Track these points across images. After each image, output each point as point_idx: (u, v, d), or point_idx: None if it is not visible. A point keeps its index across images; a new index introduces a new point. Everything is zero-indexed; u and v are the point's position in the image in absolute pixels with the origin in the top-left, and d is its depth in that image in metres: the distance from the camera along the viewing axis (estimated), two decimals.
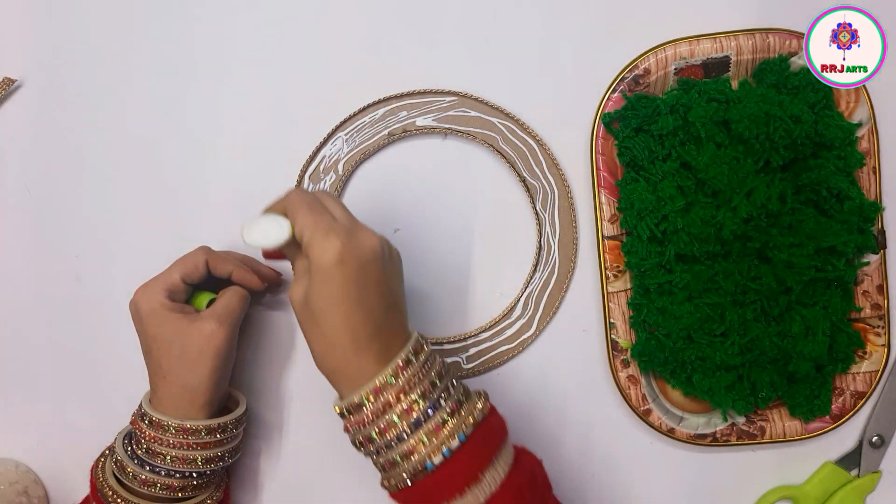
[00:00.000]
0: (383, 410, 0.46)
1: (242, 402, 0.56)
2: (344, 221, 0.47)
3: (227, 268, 0.55)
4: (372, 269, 0.46)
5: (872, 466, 0.58)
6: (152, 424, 0.51)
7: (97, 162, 0.61)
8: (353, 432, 0.47)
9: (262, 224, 0.48)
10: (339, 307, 0.46)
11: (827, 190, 0.54)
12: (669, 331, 0.55)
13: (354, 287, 0.46)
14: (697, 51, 0.56)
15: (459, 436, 0.45)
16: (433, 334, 0.59)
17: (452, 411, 0.46)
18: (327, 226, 0.46)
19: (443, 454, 0.45)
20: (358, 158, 0.59)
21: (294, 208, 0.48)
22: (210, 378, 0.52)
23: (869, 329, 0.57)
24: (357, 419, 0.46)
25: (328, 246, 0.45)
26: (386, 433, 0.46)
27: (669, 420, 0.57)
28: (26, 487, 0.60)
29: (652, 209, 0.55)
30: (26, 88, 0.61)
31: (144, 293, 0.52)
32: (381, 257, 0.47)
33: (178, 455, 0.51)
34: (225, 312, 0.53)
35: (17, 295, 0.61)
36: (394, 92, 0.59)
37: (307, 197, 0.49)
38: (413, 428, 0.45)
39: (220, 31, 0.60)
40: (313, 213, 0.47)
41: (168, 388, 0.52)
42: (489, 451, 0.46)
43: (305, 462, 0.60)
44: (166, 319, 0.51)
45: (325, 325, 0.46)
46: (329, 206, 0.49)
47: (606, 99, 0.57)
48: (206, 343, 0.51)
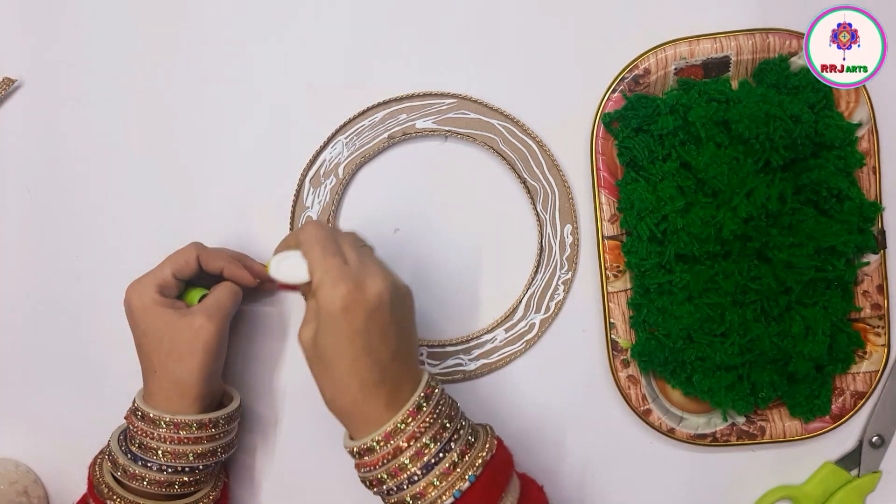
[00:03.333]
0: (394, 454, 0.46)
1: (236, 397, 0.56)
2: (354, 266, 0.47)
3: (218, 264, 0.55)
4: (378, 317, 0.47)
5: (872, 466, 0.59)
6: (144, 419, 0.51)
7: (97, 162, 0.61)
8: (363, 472, 0.48)
9: (290, 260, 0.50)
10: (346, 354, 0.46)
11: (827, 190, 0.54)
12: (669, 331, 0.55)
13: (360, 336, 0.46)
14: (697, 51, 0.56)
15: (469, 477, 0.46)
16: (435, 336, 0.59)
17: (462, 453, 0.47)
18: (337, 271, 0.46)
19: (454, 496, 0.46)
20: (358, 162, 0.59)
21: (308, 246, 0.48)
22: (200, 373, 0.52)
23: (869, 329, 0.57)
24: (369, 461, 0.47)
25: (335, 293, 0.46)
26: (397, 475, 0.46)
27: (669, 420, 0.57)
28: (26, 487, 0.60)
29: (652, 209, 0.55)
30: (26, 88, 0.61)
31: (136, 289, 0.53)
32: (387, 305, 0.47)
33: (171, 450, 0.51)
34: (215, 307, 0.53)
35: (17, 295, 0.61)
36: (393, 95, 0.59)
37: (322, 234, 0.49)
38: (424, 471, 0.46)
39: (220, 33, 0.60)
40: (325, 255, 0.47)
41: (159, 382, 0.52)
42: (498, 489, 0.47)
43: (302, 458, 0.60)
44: (157, 314, 0.52)
45: (334, 370, 0.47)
46: (343, 246, 0.49)
47: (606, 99, 0.57)
48: (195, 338, 0.51)
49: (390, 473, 0.46)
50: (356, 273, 0.47)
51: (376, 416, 0.47)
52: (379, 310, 0.47)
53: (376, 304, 0.47)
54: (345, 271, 0.47)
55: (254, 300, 0.60)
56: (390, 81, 0.59)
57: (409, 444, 0.46)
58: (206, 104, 0.60)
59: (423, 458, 0.46)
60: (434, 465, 0.46)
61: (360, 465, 0.48)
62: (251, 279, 0.55)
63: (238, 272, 0.55)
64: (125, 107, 0.61)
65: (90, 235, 0.61)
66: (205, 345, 0.52)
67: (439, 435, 0.47)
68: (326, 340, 0.47)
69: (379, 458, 0.46)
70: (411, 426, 0.46)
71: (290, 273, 0.49)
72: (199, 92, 0.60)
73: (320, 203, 0.59)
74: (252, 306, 0.60)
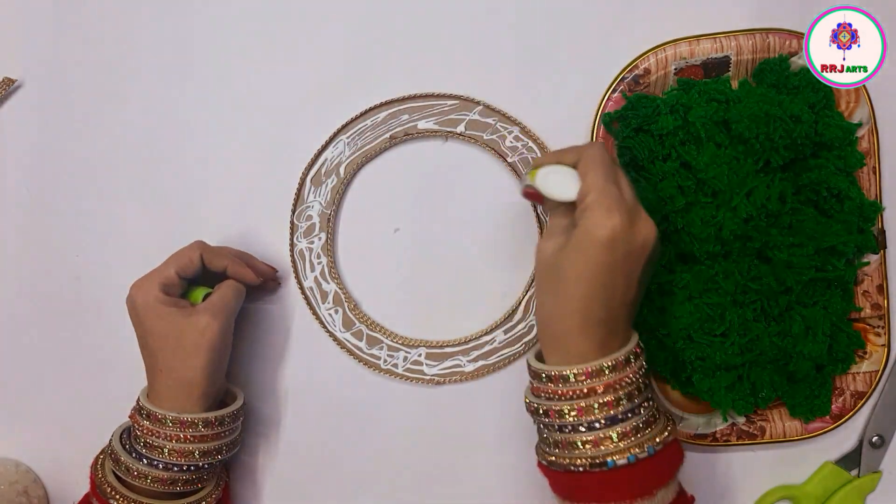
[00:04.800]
0: (587, 394, 0.45)
1: (240, 396, 0.56)
2: (630, 202, 0.46)
3: (221, 262, 0.55)
4: (635, 260, 0.46)
5: (872, 466, 0.59)
6: (150, 418, 0.51)
7: (97, 162, 0.61)
8: (543, 398, 0.47)
9: (559, 174, 0.48)
10: (587, 283, 0.45)
11: (827, 190, 0.54)
12: (669, 331, 0.55)
13: (609, 271, 0.45)
14: (697, 51, 0.56)
15: (649, 448, 0.45)
16: (436, 337, 0.59)
17: (647, 422, 0.46)
18: (614, 199, 0.45)
19: (628, 459, 0.45)
20: (360, 161, 0.59)
21: (589, 166, 0.47)
22: (205, 371, 0.52)
23: (869, 329, 0.57)
24: (557, 390, 0.46)
25: (607, 222, 0.44)
26: (580, 415, 0.45)
27: None
28: (26, 487, 0.60)
29: (652, 209, 0.55)
30: (26, 88, 0.61)
31: (140, 288, 0.53)
32: (649, 252, 0.46)
33: (176, 448, 0.51)
34: (220, 305, 0.53)
35: (17, 295, 0.61)
36: (395, 95, 0.59)
37: (606, 158, 0.47)
38: (608, 422, 0.45)
39: (221, 33, 0.60)
40: (605, 180, 0.46)
41: (164, 381, 0.52)
42: (668, 473, 0.46)
43: (304, 458, 0.60)
44: (161, 313, 0.52)
45: (564, 292, 0.46)
46: (620, 179, 0.47)
47: (606, 99, 0.57)
48: (200, 336, 0.52)
49: (573, 410, 0.45)
50: (631, 209, 0.46)
51: (583, 352, 0.46)
52: (640, 254, 0.46)
53: (640, 248, 0.46)
54: (621, 203, 0.45)
55: (256, 298, 0.60)
56: (392, 82, 0.59)
57: (605, 390, 0.45)
58: (208, 103, 0.60)
59: (611, 411, 0.45)
60: (619, 421, 0.45)
61: (543, 391, 0.47)
62: (254, 277, 0.56)
63: (241, 271, 0.55)
64: (125, 107, 0.61)
65: (90, 235, 0.61)
66: (210, 343, 0.52)
67: (634, 395, 0.46)
68: (571, 262, 0.45)
69: (569, 391, 0.45)
70: (613, 375, 0.45)
71: (557, 188, 0.48)
72: (200, 91, 0.60)
73: (321, 202, 0.59)
74: (254, 304, 0.60)
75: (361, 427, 0.60)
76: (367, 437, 0.59)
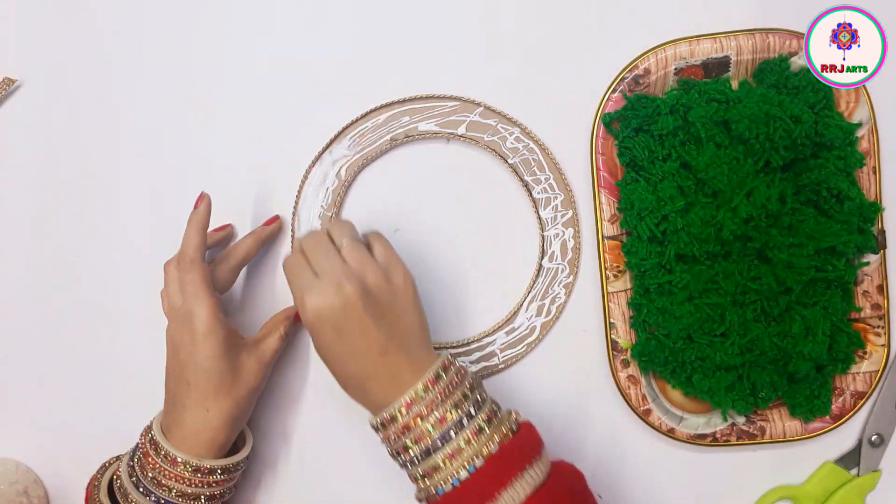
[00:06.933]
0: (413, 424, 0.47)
1: (249, 439, 0.56)
2: (326, 272, 0.48)
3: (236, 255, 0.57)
4: (349, 322, 0.47)
5: (872, 465, 0.59)
6: (167, 458, 0.51)
7: (97, 162, 0.61)
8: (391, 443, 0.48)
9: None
10: (333, 359, 0.49)
11: (827, 190, 0.54)
12: (669, 331, 0.55)
13: (335, 344, 0.48)
14: (697, 51, 0.56)
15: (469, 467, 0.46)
16: (437, 338, 0.59)
17: (489, 419, 0.47)
18: (304, 287, 0.48)
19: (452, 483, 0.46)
20: (360, 163, 0.59)
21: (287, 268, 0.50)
22: (231, 416, 0.52)
23: (869, 329, 0.57)
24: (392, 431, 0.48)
25: (303, 310, 0.48)
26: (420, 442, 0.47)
27: (669, 420, 0.57)
28: (26, 487, 0.60)
29: (652, 209, 0.55)
30: (26, 88, 0.61)
31: (198, 301, 0.51)
32: (357, 308, 0.47)
33: (185, 491, 0.51)
34: (270, 354, 0.55)
35: (17, 295, 0.61)
36: (396, 97, 0.59)
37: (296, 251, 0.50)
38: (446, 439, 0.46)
39: (222, 35, 0.60)
40: (295, 274, 0.49)
41: (187, 421, 0.51)
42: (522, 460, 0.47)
43: (306, 458, 0.60)
44: (220, 346, 0.51)
45: (333, 371, 0.49)
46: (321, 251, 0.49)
47: (606, 99, 0.57)
48: (243, 381, 0.53)
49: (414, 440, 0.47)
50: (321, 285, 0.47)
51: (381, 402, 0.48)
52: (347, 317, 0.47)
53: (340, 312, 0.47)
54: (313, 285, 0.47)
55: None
56: (393, 84, 0.59)
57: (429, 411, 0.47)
58: (208, 104, 0.60)
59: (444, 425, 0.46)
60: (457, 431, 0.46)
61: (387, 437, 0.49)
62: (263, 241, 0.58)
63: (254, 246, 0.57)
64: (125, 107, 0.61)
65: (90, 235, 0.61)
66: (249, 390, 0.53)
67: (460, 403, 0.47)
68: (315, 345, 0.49)
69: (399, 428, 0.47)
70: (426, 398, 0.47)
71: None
72: (200, 92, 0.60)
73: (322, 204, 0.59)
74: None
75: (362, 428, 0.59)
76: (367, 437, 0.59)
